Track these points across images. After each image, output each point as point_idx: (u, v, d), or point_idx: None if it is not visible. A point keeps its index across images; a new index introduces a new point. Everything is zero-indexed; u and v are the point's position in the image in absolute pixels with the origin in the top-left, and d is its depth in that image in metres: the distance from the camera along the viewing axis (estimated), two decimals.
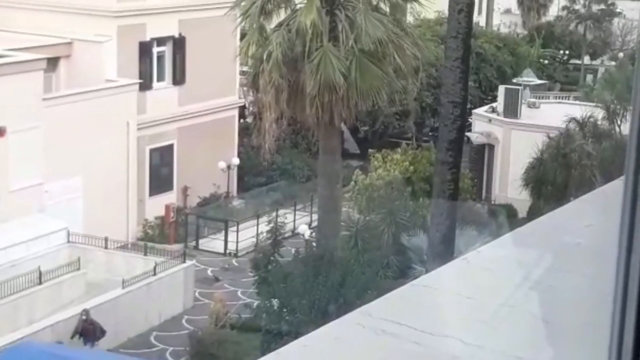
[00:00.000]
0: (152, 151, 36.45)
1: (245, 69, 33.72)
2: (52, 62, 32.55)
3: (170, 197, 36.83)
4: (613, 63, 60.34)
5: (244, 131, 40.73)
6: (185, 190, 37.56)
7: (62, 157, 29.99)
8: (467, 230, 30.33)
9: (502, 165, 40.13)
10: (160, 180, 36.99)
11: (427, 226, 29.27)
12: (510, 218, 37.03)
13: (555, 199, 32.55)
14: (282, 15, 27.04)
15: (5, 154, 27.67)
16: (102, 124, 31.77)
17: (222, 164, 38.15)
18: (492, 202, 39.73)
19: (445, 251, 27.93)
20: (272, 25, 26.78)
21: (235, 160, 39.32)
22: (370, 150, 39.32)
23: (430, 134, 47.57)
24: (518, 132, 39.59)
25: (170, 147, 37.38)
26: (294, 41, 25.34)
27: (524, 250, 4.10)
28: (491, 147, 40.89)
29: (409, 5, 28.26)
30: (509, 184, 38.43)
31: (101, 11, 33.88)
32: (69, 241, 28.31)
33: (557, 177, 32.06)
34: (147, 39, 35.58)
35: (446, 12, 30.52)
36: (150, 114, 35.57)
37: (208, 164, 37.69)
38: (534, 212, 34.47)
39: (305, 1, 26.01)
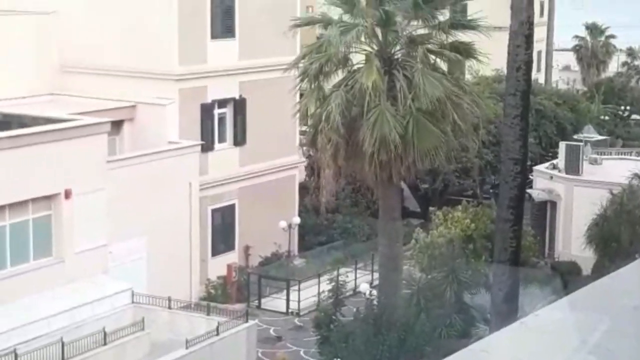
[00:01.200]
0: (214, 211, 36.78)
1: (304, 128, 34.03)
2: (116, 125, 33.18)
3: (232, 257, 37.07)
4: None
5: (305, 190, 40.94)
6: (246, 250, 37.77)
7: (126, 218, 30.39)
8: (531, 288, 30.03)
9: (565, 222, 39.72)
10: (222, 240, 37.26)
11: (490, 284, 29.04)
12: (574, 276, 36.57)
13: (620, 256, 32.08)
14: (339, 74, 27.31)
15: (70, 216, 28.13)
16: (165, 185, 32.20)
17: (283, 223, 38.34)
18: (556, 260, 39.29)
19: (508, 310, 27.65)
20: (330, 85, 27.06)
21: (296, 219, 39.48)
22: (430, 208, 39.25)
23: (491, 191, 47.31)
24: (580, 188, 39.23)
25: (232, 207, 37.69)
26: (352, 101, 25.55)
27: (582, 313, 4.11)
28: (553, 203, 40.53)
29: (467, 64, 28.32)
30: (572, 241, 38.00)
31: (164, 75, 34.52)
32: (133, 302, 28.57)
33: (621, 234, 31.65)
34: (209, 100, 36.13)
35: (504, 69, 30.59)
36: (212, 175, 35.98)
37: (269, 223, 37.90)
38: (598, 270, 34.01)
39: (364, 62, 26.26)
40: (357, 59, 27.17)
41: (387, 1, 25.82)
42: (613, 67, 76.27)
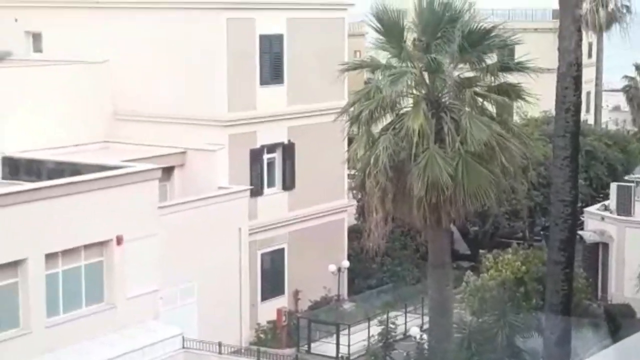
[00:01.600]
0: (263, 255, 36.93)
1: (353, 172, 34.14)
2: (167, 171, 33.57)
3: (282, 301, 37.11)
4: None
5: (354, 233, 40.95)
6: (296, 294, 37.80)
7: (177, 263, 30.62)
8: (584, 331, 29.68)
9: (618, 263, 39.27)
10: (271, 284, 37.34)
11: (542, 328, 28.76)
12: (628, 318, 36.07)
13: None
14: (387, 118, 27.40)
15: (121, 262, 28.40)
16: (215, 230, 32.41)
17: (333, 267, 38.35)
18: (609, 302, 38.80)
19: (561, 354, 27.36)
20: (378, 128, 27.16)
21: (345, 263, 39.47)
22: (480, 251, 39.03)
23: (541, 233, 46.95)
24: (632, 229, 38.82)
25: (281, 251, 37.81)
26: (400, 144, 25.62)
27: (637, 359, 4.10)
28: (605, 245, 40.11)
29: (515, 105, 28.29)
30: (625, 283, 37.56)
31: (213, 121, 34.91)
32: (184, 347, 28.68)
33: None
34: (258, 146, 36.42)
35: (553, 110, 30.52)
36: (261, 219, 36.16)
37: (318, 267, 37.95)
38: None
39: (411, 106, 26.36)
40: (405, 101, 27.27)
41: (434, 44, 25.91)
42: None
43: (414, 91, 26.53)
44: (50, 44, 38.04)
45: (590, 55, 66.93)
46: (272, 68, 36.72)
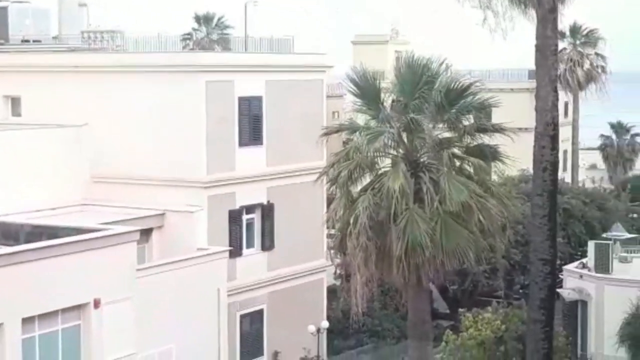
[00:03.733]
0: (242, 317, 36.73)
1: (332, 231, 34.17)
2: (146, 233, 33.43)
3: None
4: None
5: (333, 293, 40.83)
6: (275, 355, 37.53)
7: (155, 326, 30.35)
8: None
9: (597, 321, 39.27)
10: (251, 345, 37.11)
11: None
12: None
13: None
14: (366, 178, 27.48)
15: (99, 326, 28.10)
16: (194, 291, 32.21)
17: (312, 328, 38.16)
18: None
19: None
20: (358, 188, 27.23)
21: (325, 323, 39.29)
22: (460, 310, 38.98)
23: (520, 291, 47.01)
24: (611, 287, 38.89)
25: (260, 312, 37.63)
26: (380, 204, 25.68)
27: None
28: (584, 303, 40.13)
29: (492, 164, 28.48)
30: (604, 340, 37.51)
31: (192, 182, 34.92)
32: None
33: None
34: (237, 206, 36.41)
35: (530, 169, 30.74)
36: (240, 280, 36.04)
37: (298, 327, 37.74)
38: None
39: (390, 166, 26.47)
40: (383, 161, 27.38)
41: (412, 105, 26.13)
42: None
43: (393, 151, 26.67)
44: (29, 108, 38.10)
45: (566, 114, 67.64)
46: (251, 129, 36.87)
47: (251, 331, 37.27)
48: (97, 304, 27.86)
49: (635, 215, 62.06)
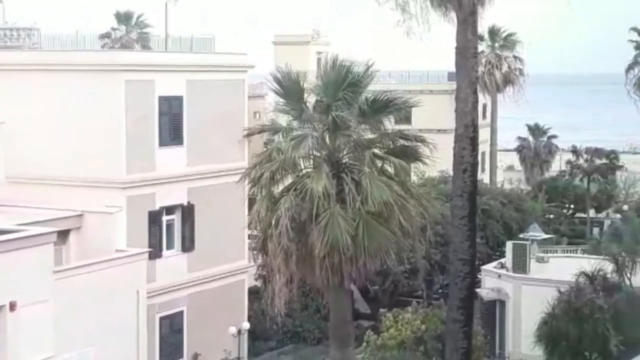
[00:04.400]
0: (162, 319, 36.37)
1: (254, 232, 34.06)
2: (63, 235, 32.84)
3: None
4: (618, 216, 60.76)
5: (254, 295, 40.71)
6: (195, 357, 37.27)
7: (73, 328, 29.85)
8: None
9: (514, 320, 39.87)
10: (170, 348, 36.77)
11: None
12: None
13: (569, 354, 32.21)
14: (289, 179, 27.43)
15: (15, 329, 27.57)
16: (113, 294, 31.75)
17: (233, 329, 37.99)
18: (506, 359, 39.29)
19: None
20: (280, 188, 27.16)
21: (246, 325, 39.15)
22: (381, 310, 39.19)
23: (440, 291, 47.47)
24: (528, 287, 39.54)
25: (180, 314, 37.31)
26: (302, 205, 25.65)
27: None
28: (502, 303, 40.72)
29: (412, 166, 28.70)
30: (522, 340, 38.11)
31: (111, 183, 34.48)
32: None
33: (570, 332, 31.82)
34: (156, 207, 36.05)
35: (449, 170, 31.03)
36: (160, 282, 35.69)
37: (218, 329, 37.54)
38: None
39: (313, 167, 26.46)
40: (306, 161, 27.34)
41: (335, 106, 26.17)
42: (556, 166, 77.72)
43: (316, 152, 26.66)
44: None
45: (485, 116, 68.55)
46: (172, 129, 36.55)
47: (171, 333, 36.94)
48: (12, 306, 27.30)
49: (551, 216, 63.25)
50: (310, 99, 27.05)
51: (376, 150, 26.86)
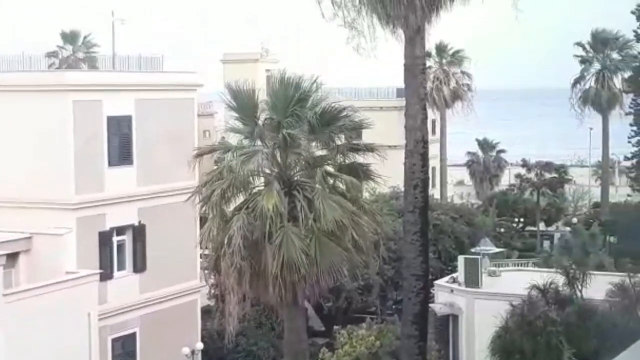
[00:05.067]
0: (114, 341, 35.95)
1: (206, 252, 33.87)
2: (12, 258, 32.39)
3: None
4: (568, 228, 61.38)
5: (207, 314, 40.41)
6: None
7: (23, 352, 29.42)
8: None
9: (468, 335, 39.94)
10: None
11: None
12: None
13: None
14: (240, 197, 27.33)
15: None
16: (63, 316, 31.37)
17: (186, 350, 37.58)
18: None
19: None
20: (232, 207, 27.05)
21: (199, 345, 38.79)
22: (335, 327, 39.17)
23: (393, 307, 47.51)
24: (481, 301, 39.62)
25: (133, 335, 36.92)
26: (254, 224, 25.56)
27: None
28: (455, 317, 40.80)
29: (364, 182, 28.74)
30: (475, 354, 38.17)
31: (60, 204, 34.06)
32: None
33: (524, 345, 31.91)
34: (107, 228, 35.68)
35: (400, 186, 31.11)
36: (111, 304, 35.29)
37: (172, 350, 37.17)
38: None
39: (263, 185, 26.39)
40: (257, 180, 27.29)
41: (286, 123, 26.14)
42: (505, 180, 78.41)
43: (267, 170, 26.60)
44: None
45: (434, 132, 69.00)
46: (121, 149, 36.25)
47: (124, 355, 36.51)
48: None
49: (502, 230, 63.68)
50: (262, 116, 27.02)
51: (328, 168, 26.86)
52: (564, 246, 38.88)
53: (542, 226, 68.77)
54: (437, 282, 42.13)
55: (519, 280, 37.43)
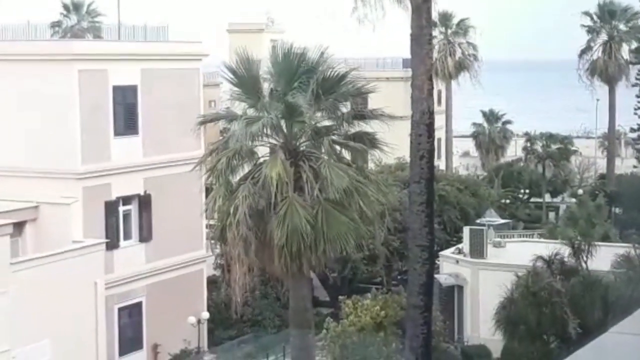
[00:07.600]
0: (120, 310, 36.13)
1: (212, 222, 33.90)
2: (19, 227, 32.52)
3: (141, 356, 36.35)
4: (573, 200, 61.31)
5: (213, 284, 40.55)
6: (155, 348, 37.06)
7: (30, 320, 29.60)
8: None
9: (473, 305, 40.08)
10: (129, 339, 36.54)
11: None
12: (484, 359, 36.83)
13: (528, 338, 32.48)
14: (245, 168, 27.31)
15: None
16: (70, 285, 31.53)
17: (192, 319, 37.82)
18: (465, 344, 39.51)
19: None
20: (237, 178, 27.02)
21: (205, 315, 39.01)
22: (340, 297, 39.21)
23: (399, 277, 47.60)
24: (486, 272, 39.74)
25: (139, 304, 37.09)
26: (259, 193, 25.55)
27: None
28: (460, 288, 40.93)
29: (369, 152, 28.67)
30: (480, 324, 38.32)
31: (66, 174, 34.13)
32: None
33: (528, 316, 32.01)
34: (113, 198, 35.77)
35: (406, 157, 31.05)
36: (117, 273, 35.43)
37: (178, 319, 37.36)
38: (508, 352, 34.33)
39: (269, 154, 26.37)
40: (264, 151, 27.30)
41: (290, 95, 26.06)
42: (511, 151, 78.28)
43: (272, 140, 26.57)
44: None
45: (440, 103, 68.80)
46: (127, 119, 36.26)
47: (130, 324, 36.70)
48: None
49: (507, 201, 63.68)
50: (266, 87, 26.92)
51: (334, 137, 26.80)
52: (570, 217, 38.88)
53: (547, 197, 68.74)
54: (442, 252, 42.23)
55: (524, 252, 37.49)
